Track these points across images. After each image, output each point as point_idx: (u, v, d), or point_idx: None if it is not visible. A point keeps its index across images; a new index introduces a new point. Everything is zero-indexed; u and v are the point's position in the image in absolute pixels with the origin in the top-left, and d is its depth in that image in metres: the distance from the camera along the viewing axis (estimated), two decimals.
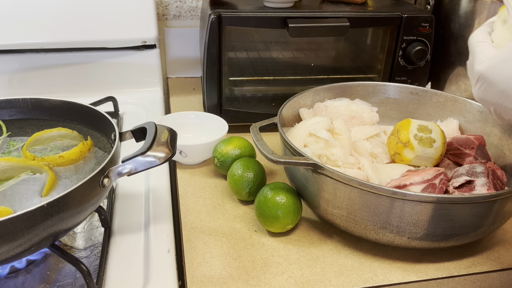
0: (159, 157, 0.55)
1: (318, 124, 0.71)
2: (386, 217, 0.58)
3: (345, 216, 0.61)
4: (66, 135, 0.67)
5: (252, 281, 0.59)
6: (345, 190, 0.59)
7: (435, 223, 0.57)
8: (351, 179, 0.57)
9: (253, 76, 0.97)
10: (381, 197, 0.57)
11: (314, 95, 0.83)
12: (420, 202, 0.55)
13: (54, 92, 1.04)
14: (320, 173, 0.60)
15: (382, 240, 0.61)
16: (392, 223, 0.58)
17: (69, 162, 0.62)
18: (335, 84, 0.84)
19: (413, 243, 0.60)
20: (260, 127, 0.70)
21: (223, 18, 0.84)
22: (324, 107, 0.81)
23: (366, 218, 0.59)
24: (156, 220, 0.68)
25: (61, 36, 1.01)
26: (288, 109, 0.78)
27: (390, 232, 0.59)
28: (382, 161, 0.75)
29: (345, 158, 0.69)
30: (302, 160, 0.60)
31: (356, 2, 0.95)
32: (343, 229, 0.64)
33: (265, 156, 0.62)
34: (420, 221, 0.57)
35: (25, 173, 0.59)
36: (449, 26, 0.97)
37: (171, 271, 0.60)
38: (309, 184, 0.64)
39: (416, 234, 0.59)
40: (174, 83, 1.21)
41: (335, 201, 0.61)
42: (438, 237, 0.59)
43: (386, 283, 0.60)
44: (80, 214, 0.53)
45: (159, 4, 1.18)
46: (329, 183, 0.60)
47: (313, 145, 0.70)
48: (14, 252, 0.48)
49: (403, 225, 0.58)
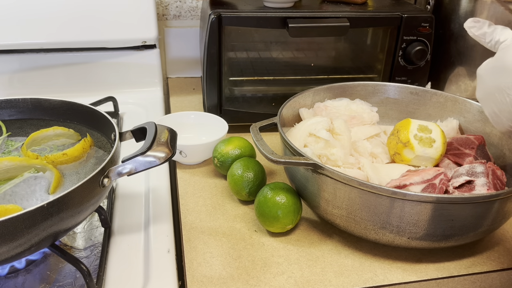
0: (159, 157, 0.55)
1: (318, 124, 0.71)
2: (386, 217, 0.58)
3: (345, 216, 0.61)
4: (62, 134, 0.67)
5: (252, 281, 0.59)
6: (345, 190, 0.59)
7: (435, 223, 0.57)
8: (351, 179, 0.57)
9: (253, 76, 0.97)
10: (381, 197, 0.57)
11: (314, 95, 0.83)
12: (420, 202, 0.55)
13: (54, 92, 1.04)
14: (320, 173, 0.60)
15: (382, 240, 0.61)
16: (392, 223, 0.58)
17: (73, 160, 0.62)
18: (335, 84, 0.84)
19: (413, 243, 0.60)
20: (260, 127, 0.70)
21: (223, 18, 0.84)
22: (324, 107, 0.81)
23: (366, 218, 0.59)
24: (156, 220, 0.68)
25: (61, 36, 1.01)
26: (288, 109, 0.78)
27: (390, 232, 0.59)
28: (382, 161, 0.75)
29: (345, 158, 0.69)
30: (302, 160, 0.60)
31: (356, 2, 0.95)
32: (343, 229, 0.64)
33: (265, 156, 0.62)
34: (420, 221, 0.57)
35: (28, 172, 0.59)
36: (449, 26, 0.97)
37: (171, 271, 0.60)
38: (309, 184, 0.64)
39: (416, 234, 0.59)
40: (174, 83, 1.21)
41: (335, 201, 0.61)
42: (438, 237, 0.59)
43: (386, 283, 0.60)
44: (80, 214, 0.53)
45: (159, 4, 1.18)
46: (329, 183, 0.60)
47: (313, 145, 0.70)
48: (14, 252, 0.48)
49: (403, 225, 0.58)
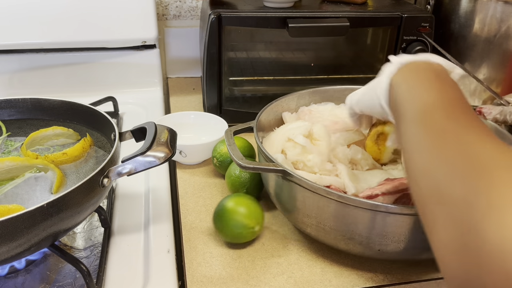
0: (159, 157, 0.55)
1: (297, 129, 0.69)
2: (355, 228, 0.56)
3: (315, 225, 0.59)
4: (61, 134, 0.67)
5: (252, 281, 0.59)
6: (314, 199, 0.57)
7: (405, 234, 0.54)
8: (318, 187, 0.55)
9: (253, 76, 0.97)
10: (348, 206, 0.54)
11: (298, 98, 0.80)
12: (389, 214, 0.53)
13: (54, 92, 1.04)
14: (289, 180, 0.59)
15: (353, 250, 0.59)
16: (361, 234, 0.56)
17: (73, 159, 0.62)
18: (321, 88, 0.81)
19: (385, 255, 0.58)
20: (235, 131, 0.69)
21: (223, 18, 0.84)
22: (308, 111, 0.78)
23: (335, 227, 0.57)
24: (156, 220, 0.68)
25: (61, 36, 1.01)
26: (270, 113, 0.76)
27: (359, 244, 0.57)
28: (362, 168, 0.70)
29: (322, 164, 0.66)
30: (271, 166, 0.58)
31: (356, 2, 0.95)
32: (314, 237, 0.63)
33: (235, 162, 0.61)
34: (389, 233, 0.54)
35: (30, 172, 0.59)
36: (449, 26, 0.97)
37: (171, 271, 0.60)
38: (281, 191, 0.63)
39: (386, 246, 0.56)
40: (174, 83, 1.21)
41: (304, 209, 0.59)
42: (411, 250, 0.56)
43: (386, 283, 0.60)
44: (80, 214, 0.53)
45: (159, 4, 1.18)
46: (298, 191, 0.58)
47: (290, 151, 0.67)
48: (14, 252, 0.48)
49: (372, 237, 0.56)
